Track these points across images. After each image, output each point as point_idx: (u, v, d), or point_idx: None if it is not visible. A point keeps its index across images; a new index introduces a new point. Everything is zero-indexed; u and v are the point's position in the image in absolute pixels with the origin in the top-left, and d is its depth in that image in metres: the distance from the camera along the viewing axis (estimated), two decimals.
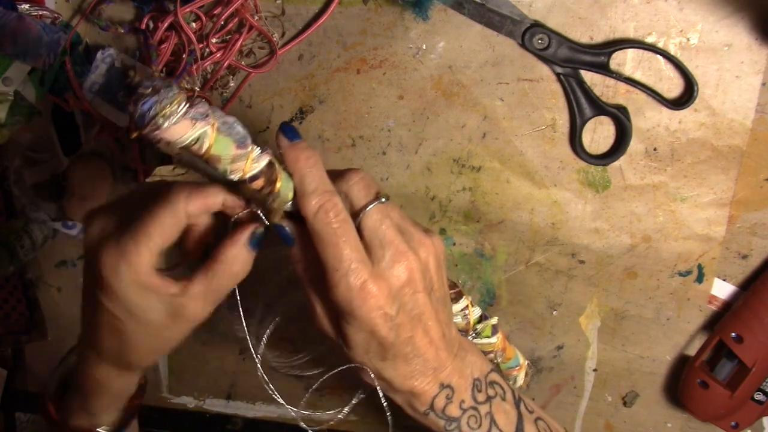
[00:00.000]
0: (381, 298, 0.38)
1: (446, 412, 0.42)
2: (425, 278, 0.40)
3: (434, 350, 0.41)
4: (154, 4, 0.56)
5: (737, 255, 0.57)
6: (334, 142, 0.60)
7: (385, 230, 0.39)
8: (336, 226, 0.38)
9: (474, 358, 0.44)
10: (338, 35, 0.57)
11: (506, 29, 0.54)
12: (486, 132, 0.57)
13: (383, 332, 0.39)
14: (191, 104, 0.34)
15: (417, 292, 0.40)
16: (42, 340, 0.72)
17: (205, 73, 0.58)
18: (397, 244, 0.39)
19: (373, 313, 0.38)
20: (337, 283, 0.38)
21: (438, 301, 0.42)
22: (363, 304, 0.38)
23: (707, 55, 0.53)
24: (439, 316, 0.41)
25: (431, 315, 0.41)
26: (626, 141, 0.55)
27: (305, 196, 0.39)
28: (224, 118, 0.36)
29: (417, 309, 0.40)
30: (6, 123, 0.59)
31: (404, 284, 0.39)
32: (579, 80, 0.54)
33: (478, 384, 0.43)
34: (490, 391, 0.44)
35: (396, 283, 0.39)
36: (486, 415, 0.43)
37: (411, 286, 0.40)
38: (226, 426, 0.72)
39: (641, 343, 0.61)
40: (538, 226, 0.59)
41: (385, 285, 0.39)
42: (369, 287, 0.38)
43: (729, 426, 0.58)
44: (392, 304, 0.39)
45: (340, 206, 0.39)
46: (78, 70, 0.58)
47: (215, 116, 0.36)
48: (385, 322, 0.39)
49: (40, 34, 0.55)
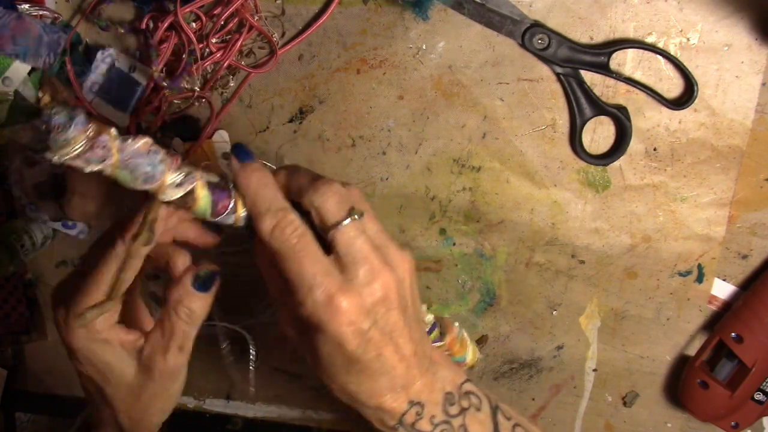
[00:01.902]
0: (352, 313, 0.38)
1: (416, 427, 0.41)
2: (400, 295, 0.40)
3: (404, 367, 0.41)
4: (154, 4, 0.56)
5: (737, 255, 0.57)
6: (334, 142, 0.60)
7: (360, 246, 0.39)
8: (294, 242, 0.38)
9: (446, 372, 0.44)
10: (338, 35, 0.57)
11: (506, 29, 0.54)
12: (486, 132, 0.57)
13: (352, 346, 0.39)
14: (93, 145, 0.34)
15: (391, 310, 0.39)
16: (42, 340, 0.72)
17: (205, 73, 0.58)
18: (373, 261, 0.39)
19: (343, 327, 0.38)
20: (303, 298, 0.38)
21: (411, 318, 0.41)
22: (332, 319, 0.38)
23: (707, 55, 0.53)
24: (412, 333, 0.41)
25: (404, 332, 0.40)
26: (626, 141, 0.55)
27: (259, 217, 0.39)
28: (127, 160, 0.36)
29: (390, 326, 0.40)
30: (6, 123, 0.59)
31: (379, 301, 0.39)
32: (579, 80, 0.54)
33: (450, 397, 0.43)
34: (464, 403, 0.43)
35: (370, 299, 0.39)
36: (459, 427, 0.42)
37: (385, 303, 0.39)
38: (226, 426, 0.72)
39: (641, 343, 0.61)
40: (538, 226, 0.59)
41: (358, 300, 0.38)
42: (338, 301, 0.38)
43: (729, 426, 0.58)
44: (365, 319, 0.38)
45: (297, 222, 0.38)
46: (78, 70, 0.58)
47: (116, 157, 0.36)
48: (355, 337, 0.38)
49: (40, 34, 0.55)
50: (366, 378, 0.40)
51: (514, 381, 0.64)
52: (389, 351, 0.40)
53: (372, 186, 0.60)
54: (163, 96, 0.57)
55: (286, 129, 0.60)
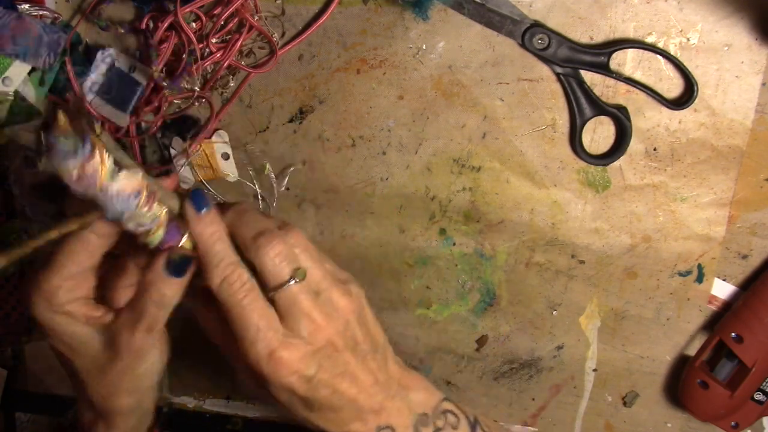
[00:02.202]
0: (294, 363, 0.39)
1: None
2: (346, 337, 0.41)
3: (366, 396, 0.41)
4: (154, 4, 0.56)
5: (737, 255, 0.57)
6: (334, 142, 0.60)
7: (301, 304, 0.39)
8: (241, 296, 0.39)
9: (418, 395, 0.44)
10: (338, 35, 0.57)
11: (506, 29, 0.54)
12: (486, 132, 0.57)
13: (301, 392, 0.40)
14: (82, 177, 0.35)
15: (338, 352, 0.40)
16: (42, 340, 0.72)
17: (205, 73, 0.58)
18: (314, 316, 0.40)
19: (287, 378, 0.39)
20: (247, 351, 0.39)
21: (366, 351, 0.42)
22: (275, 371, 0.39)
23: (707, 55, 0.53)
24: (368, 365, 0.42)
25: (357, 367, 0.41)
26: (626, 141, 0.55)
27: (209, 269, 0.39)
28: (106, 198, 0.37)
29: (340, 366, 0.41)
30: (6, 123, 0.59)
31: (321, 349, 0.40)
32: (579, 80, 0.54)
33: (423, 419, 0.44)
34: (439, 422, 0.44)
35: (311, 348, 0.39)
36: None
37: (330, 348, 0.40)
38: (226, 426, 0.72)
39: (641, 343, 0.61)
40: (538, 226, 0.59)
41: (300, 350, 0.39)
42: (279, 355, 0.38)
43: (729, 426, 0.58)
44: (308, 366, 0.39)
45: (245, 276, 0.39)
46: (78, 70, 0.58)
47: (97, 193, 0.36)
48: (302, 384, 0.39)
49: (40, 34, 0.55)
50: (328, 411, 0.41)
51: (514, 381, 0.64)
52: (344, 386, 0.41)
53: (372, 186, 0.60)
54: (163, 96, 0.57)
55: (286, 129, 0.60)
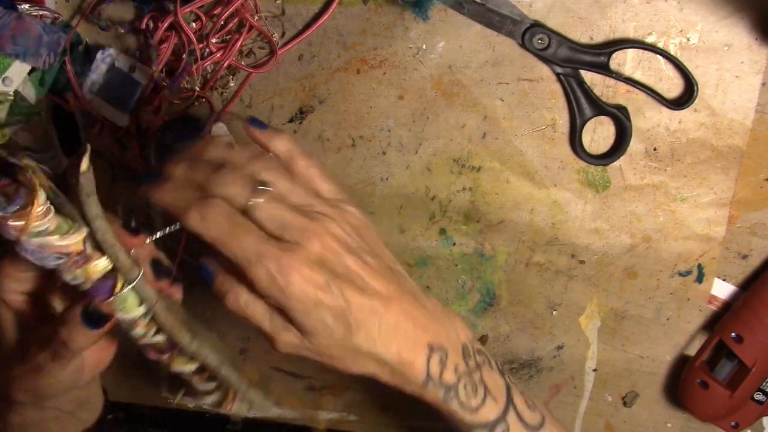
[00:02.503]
0: (303, 269, 0.37)
1: (443, 380, 0.40)
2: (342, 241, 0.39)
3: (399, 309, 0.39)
4: (154, 4, 0.56)
5: (737, 255, 0.57)
6: (334, 142, 0.60)
7: (280, 215, 0.38)
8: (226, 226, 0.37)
9: (460, 323, 0.43)
10: (338, 35, 0.57)
11: (506, 29, 0.54)
12: (486, 132, 0.57)
13: (327, 300, 0.37)
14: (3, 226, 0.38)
15: (339, 254, 0.38)
16: None
17: (205, 73, 0.58)
18: (297, 223, 0.38)
19: (302, 285, 0.37)
20: (256, 274, 0.37)
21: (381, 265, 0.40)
22: (289, 282, 0.36)
23: (707, 55, 0.53)
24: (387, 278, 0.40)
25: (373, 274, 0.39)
26: (626, 141, 0.55)
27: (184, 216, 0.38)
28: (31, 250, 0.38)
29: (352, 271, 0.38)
30: (6, 123, 0.59)
31: (321, 252, 0.38)
32: (579, 80, 0.54)
33: (466, 349, 0.41)
34: (479, 358, 0.42)
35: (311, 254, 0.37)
36: (479, 382, 0.40)
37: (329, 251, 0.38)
38: (226, 426, 0.72)
39: (641, 343, 0.61)
40: (538, 226, 0.59)
41: (301, 256, 0.37)
42: (285, 261, 0.36)
43: (729, 426, 0.58)
44: (318, 272, 0.37)
45: (223, 206, 0.38)
46: (78, 70, 0.58)
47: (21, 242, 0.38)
48: (322, 290, 0.37)
49: (40, 34, 0.55)
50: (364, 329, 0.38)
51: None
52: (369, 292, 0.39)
53: (372, 186, 0.60)
54: (163, 96, 0.57)
55: (286, 129, 0.60)
